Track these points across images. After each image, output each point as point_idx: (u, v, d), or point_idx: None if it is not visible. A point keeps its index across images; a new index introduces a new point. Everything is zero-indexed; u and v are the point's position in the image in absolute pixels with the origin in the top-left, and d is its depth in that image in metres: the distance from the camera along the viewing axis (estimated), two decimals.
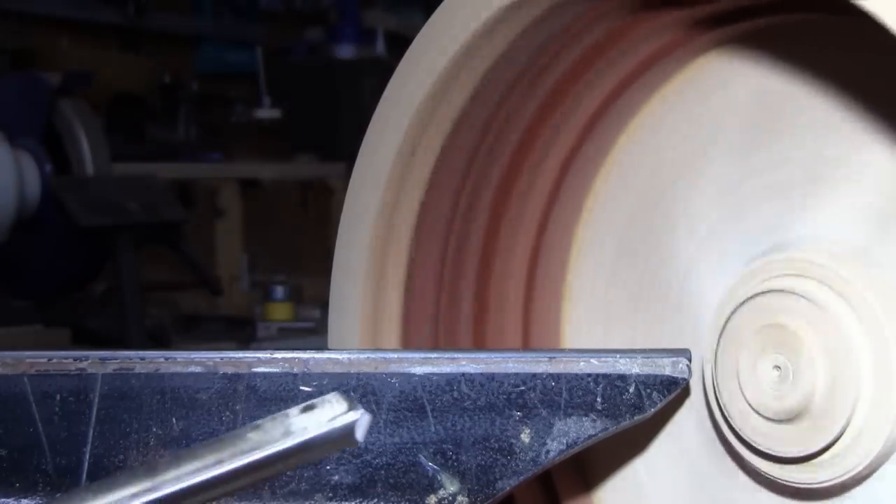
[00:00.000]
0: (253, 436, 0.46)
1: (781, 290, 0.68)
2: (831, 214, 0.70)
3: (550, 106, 0.79)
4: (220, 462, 0.45)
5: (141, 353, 0.70)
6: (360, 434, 0.47)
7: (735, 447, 0.72)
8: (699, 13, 0.73)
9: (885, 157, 0.68)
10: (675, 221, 0.79)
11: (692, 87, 0.78)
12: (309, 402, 0.48)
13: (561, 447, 0.70)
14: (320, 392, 0.69)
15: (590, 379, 0.70)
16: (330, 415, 0.48)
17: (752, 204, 0.74)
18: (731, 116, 0.76)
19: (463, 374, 0.70)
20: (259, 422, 0.47)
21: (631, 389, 0.70)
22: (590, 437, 0.70)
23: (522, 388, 0.70)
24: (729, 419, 0.71)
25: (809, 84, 0.71)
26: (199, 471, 0.45)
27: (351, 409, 0.47)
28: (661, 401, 0.70)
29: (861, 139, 0.69)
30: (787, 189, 0.73)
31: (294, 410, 0.47)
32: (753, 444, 0.69)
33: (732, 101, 0.76)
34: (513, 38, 0.73)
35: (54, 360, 0.70)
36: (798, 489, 0.70)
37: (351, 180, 0.80)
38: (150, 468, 0.45)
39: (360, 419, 0.47)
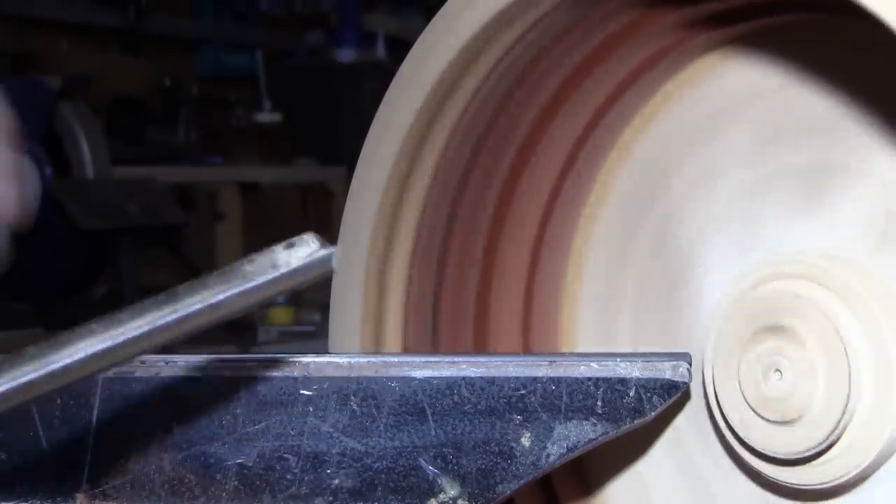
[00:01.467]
0: (248, 268, 0.56)
1: (781, 292, 0.68)
2: (832, 216, 0.70)
3: (551, 108, 0.79)
4: (224, 290, 0.55)
5: (142, 356, 0.70)
6: (335, 264, 0.58)
7: (735, 449, 0.72)
8: (700, 13, 0.73)
9: (887, 159, 0.68)
10: (675, 223, 0.79)
11: (692, 88, 0.78)
12: (289, 241, 0.58)
13: (561, 451, 0.70)
14: (321, 395, 0.69)
15: (590, 383, 0.70)
16: (308, 251, 0.57)
17: (752, 205, 0.74)
18: (732, 118, 0.76)
19: (463, 378, 0.70)
20: (252, 256, 0.57)
21: (631, 393, 0.70)
22: (590, 440, 0.70)
23: (523, 391, 0.70)
24: (729, 421, 0.71)
25: (812, 85, 0.71)
26: (208, 297, 0.55)
27: (323, 246, 0.57)
28: (661, 404, 0.70)
29: (864, 142, 0.69)
30: (787, 191, 0.73)
31: (279, 248, 0.57)
32: (753, 446, 0.70)
33: (733, 103, 0.76)
34: (513, 41, 0.73)
35: None
36: (798, 490, 0.70)
37: (352, 184, 0.80)
38: (171, 294, 0.54)
39: (333, 253, 0.58)
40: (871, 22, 0.56)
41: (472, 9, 0.73)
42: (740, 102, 0.75)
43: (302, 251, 0.58)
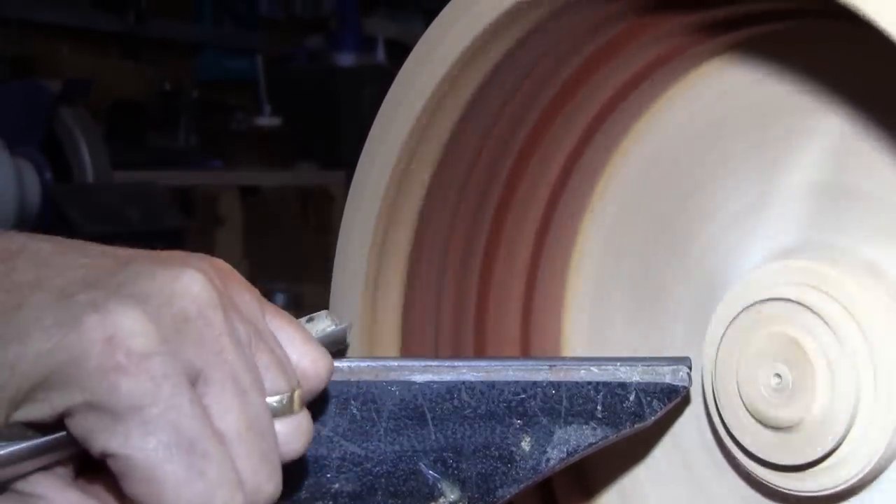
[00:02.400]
0: None
1: (780, 298, 0.68)
2: (832, 221, 0.70)
3: (551, 112, 0.79)
4: None
5: None
6: (349, 337, 0.68)
7: (735, 455, 0.72)
8: (704, 19, 0.73)
9: (889, 162, 0.68)
10: (676, 229, 0.79)
11: (696, 93, 0.78)
12: (309, 316, 0.66)
13: (561, 455, 0.70)
14: (321, 398, 0.69)
15: (590, 387, 0.70)
16: (324, 326, 0.66)
17: (751, 211, 0.74)
18: (734, 123, 0.76)
19: (463, 382, 0.70)
20: None
21: (631, 397, 0.70)
22: (590, 444, 0.70)
23: (523, 396, 0.70)
24: (728, 427, 0.71)
25: (814, 91, 0.71)
26: None
27: (335, 322, 0.66)
28: (661, 409, 0.70)
29: (865, 144, 0.69)
30: (787, 195, 0.73)
31: (302, 320, 0.64)
32: (753, 453, 0.69)
33: (735, 108, 0.76)
34: (513, 44, 0.73)
35: None
36: (798, 497, 0.70)
37: (351, 188, 0.80)
38: None
39: (348, 328, 0.67)
40: (869, 28, 0.56)
41: (471, 13, 0.73)
42: (742, 108, 0.75)
43: (319, 326, 0.66)
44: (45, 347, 0.49)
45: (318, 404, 0.69)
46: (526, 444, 0.70)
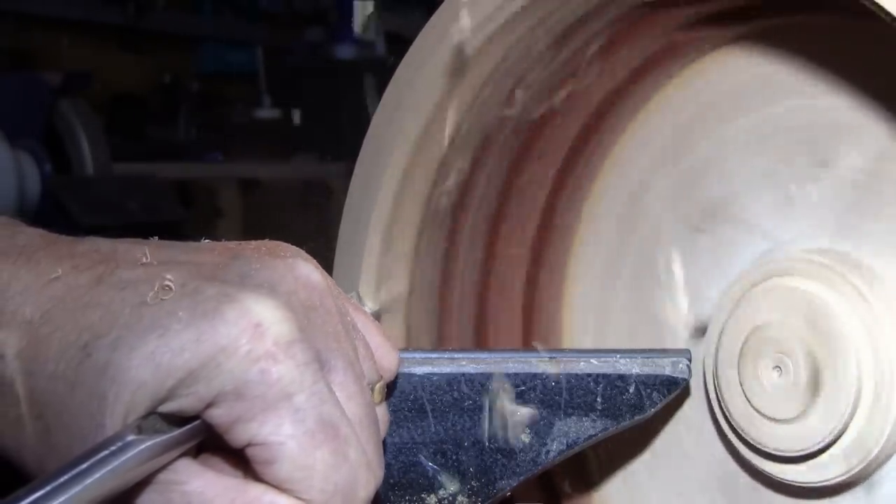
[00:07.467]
0: None
1: (781, 288, 0.68)
2: (834, 212, 0.70)
3: (556, 98, 0.79)
4: None
5: None
6: None
7: (736, 446, 0.72)
8: (709, 10, 0.73)
9: (891, 156, 0.68)
10: (677, 218, 0.79)
11: (699, 84, 0.78)
12: None
13: (561, 447, 0.70)
14: None
15: (590, 379, 0.70)
16: None
17: (753, 202, 0.74)
18: (738, 114, 0.76)
19: (463, 374, 0.70)
20: None
21: (631, 389, 0.70)
22: (590, 437, 0.70)
23: (522, 388, 0.70)
24: (730, 418, 0.71)
25: (819, 83, 0.71)
26: None
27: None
28: (660, 401, 0.71)
29: (870, 138, 0.69)
30: (790, 186, 0.73)
31: None
32: (754, 444, 0.70)
33: (740, 99, 0.76)
34: (516, 38, 0.73)
35: None
36: (799, 488, 0.70)
37: (352, 181, 0.80)
38: None
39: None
40: (880, 22, 0.56)
41: (475, 4, 0.72)
42: (746, 96, 0.75)
43: None
44: (189, 338, 0.49)
45: None
46: (525, 437, 0.70)
